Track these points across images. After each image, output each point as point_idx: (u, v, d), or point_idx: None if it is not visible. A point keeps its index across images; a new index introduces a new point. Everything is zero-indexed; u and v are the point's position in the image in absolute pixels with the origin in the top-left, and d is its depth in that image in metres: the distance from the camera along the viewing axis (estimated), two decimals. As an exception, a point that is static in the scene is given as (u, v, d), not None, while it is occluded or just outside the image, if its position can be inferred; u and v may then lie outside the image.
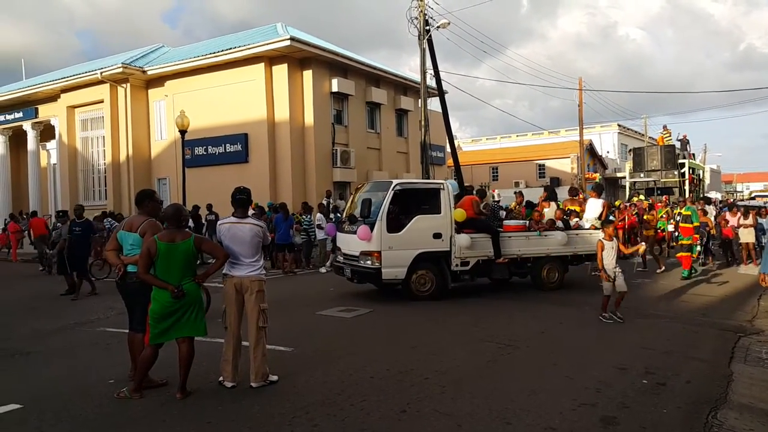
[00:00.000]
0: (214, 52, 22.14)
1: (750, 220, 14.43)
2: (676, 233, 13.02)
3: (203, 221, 18.10)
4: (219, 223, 5.79)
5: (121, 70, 23.22)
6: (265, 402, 5.08)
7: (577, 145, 38.16)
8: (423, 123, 20.58)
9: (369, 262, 9.94)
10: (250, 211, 13.58)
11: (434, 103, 23.79)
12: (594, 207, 12.00)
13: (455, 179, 22.78)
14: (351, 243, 10.34)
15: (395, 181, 10.53)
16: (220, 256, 5.37)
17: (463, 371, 6.02)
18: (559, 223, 11.47)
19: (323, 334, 7.93)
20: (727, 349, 6.91)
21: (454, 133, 22.54)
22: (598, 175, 45.73)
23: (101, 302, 10.56)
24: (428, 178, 20.52)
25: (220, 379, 5.52)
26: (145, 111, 24.86)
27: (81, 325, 8.85)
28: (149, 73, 23.84)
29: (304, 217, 15.99)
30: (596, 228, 11.40)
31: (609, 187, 46.84)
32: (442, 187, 10.46)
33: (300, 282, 13.13)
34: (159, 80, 24.09)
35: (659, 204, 19.39)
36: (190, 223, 16.90)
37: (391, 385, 5.55)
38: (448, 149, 24.20)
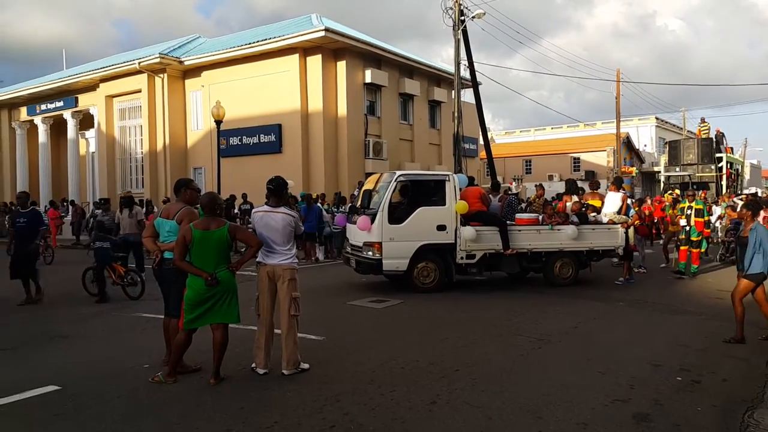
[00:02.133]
0: (250, 43, 22.36)
1: None
2: (688, 227, 12.59)
3: (235, 211, 18.30)
4: (253, 211, 5.88)
5: (158, 60, 23.64)
6: (297, 389, 5.15)
7: (614, 138, 37.48)
8: (456, 114, 20.49)
9: (370, 252, 9.96)
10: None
11: (467, 95, 23.72)
12: (613, 201, 11.70)
13: (488, 172, 22.66)
14: (356, 234, 10.38)
15: (398, 173, 10.52)
16: (253, 245, 5.44)
17: (494, 365, 6.00)
18: (575, 218, 11.21)
19: (354, 324, 7.99)
20: (765, 348, 6.74)
21: (487, 125, 22.39)
22: (634, 168, 44.84)
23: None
24: (460, 170, 20.43)
25: (253, 365, 5.61)
26: (182, 101, 25.28)
27: (118, 309, 9.09)
28: (186, 63, 24.22)
29: (336, 207, 16.14)
30: (614, 223, 11.20)
31: (646, 181, 45.93)
32: (447, 179, 10.36)
33: (331, 272, 13.23)
34: (195, 71, 24.46)
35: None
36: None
37: (422, 376, 5.56)
38: (481, 141, 24.07)
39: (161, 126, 24.98)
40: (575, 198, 12.40)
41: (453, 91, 21.41)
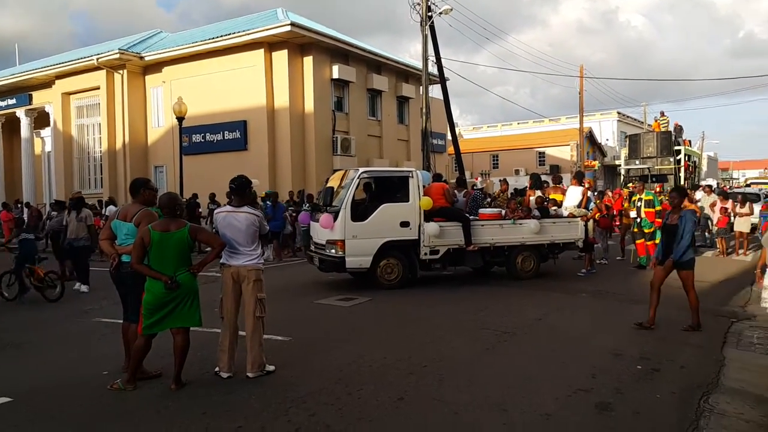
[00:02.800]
0: (213, 38, 22.00)
1: (746, 209, 14.37)
2: (638, 219, 12.85)
3: (199, 210, 17.97)
4: (215, 211, 5.78)
5: (117, 56, 23.08)
6: (262, 392, 5.09)
7: (577, 132, 38.09)
8: (424, 110, 20.53)
9: (333, 250, 9.92)
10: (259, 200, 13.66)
11: (435, 91, 23.77)
12: (573, 195, 11.96)
13: (456, 167, 22.80)
14: (319, 232, 10.34)
15: (361, 169, 10.53)
16: (216, 246, 5.34)
17: (460, 359, 6.04)
18: (536, 212, 11.35)
19: (321, 323, 7.95)
20: (720, 334, 6.98)
21: (455, 121, 22.53)
22: (597, 162, 45.69)
23: (95, 292, 10.53)
24: (429, 166, 20.51)
25: (216, 369, 5.52)
26: (142, 98, 24.75)
27: (75, 315, 8.83)
28: (147, 59, 23.69)
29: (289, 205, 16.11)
30: (575, 216, 11.41)
31: (608, 174, 46.80)
32: (410, 175, 10.33)
33: (298, 271, 13.14)
34: (156, 66, 23.95)
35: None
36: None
37: (389, 373, 5.57)
38: (449, 137, 24.20)
39: (121, 124, 24.38)
40: (538, 192, 12.58)
41: (421, 87, 21.43)
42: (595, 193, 15.42)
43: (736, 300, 9.14)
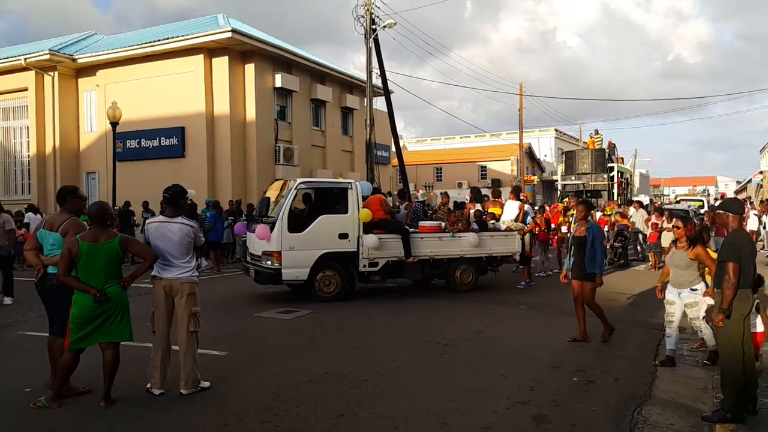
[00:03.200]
0: (151, 42, 21.37)
1: (672, 224, 14.88)
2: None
3: (134, 219, 17.30)
4: (147, 222, 5.54)
5: (48, 57, 22.06)
6: (196, 409, 4.89)
7: (518, 148, 39.08)
8: (368, 122, 20.57)
9: (269, 262, 9.74)
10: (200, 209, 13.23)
11: (380, 103, 23.85)
12: (511, 209, 12.17)
13: (400, 178, 22.91)
14: (255, 243, 10.14)
15: (299, 180, 10.40)
16: (148, 258, 5.12)
17: (402, 372, 6.00)
18: (475, 225, 11.46)
19: (260, 337, 7.75)
20: (652, 346, 7.20)
21: (399, 133, 22.67)
22: (536, 177, 46.99)
23: (20, 304, 9.95)
24: (373, 177, 20.52)
25: (148, 386, 5.27)
26: (75, 101, 23.75)
27: (-1, 327, 8.32)
28: (80, 61, 22.76)
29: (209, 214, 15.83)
30: (512, 229, 11.61)
31: (546, 189, 48.19)
32: (350, 186, 10.26)
33: (237, 282, 12.82)
34: (90, 69, 23.05)
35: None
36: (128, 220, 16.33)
37: (330, 388, 5.46)
38: (394, 149, 24.31)
39: (51, 127, 23.26)
40: (478, 205, 12.76)
41: (365, 99, 21.48)
42: (536, 208, 15.77)
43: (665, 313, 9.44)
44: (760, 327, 5.75)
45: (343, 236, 10.05)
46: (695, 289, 6.38)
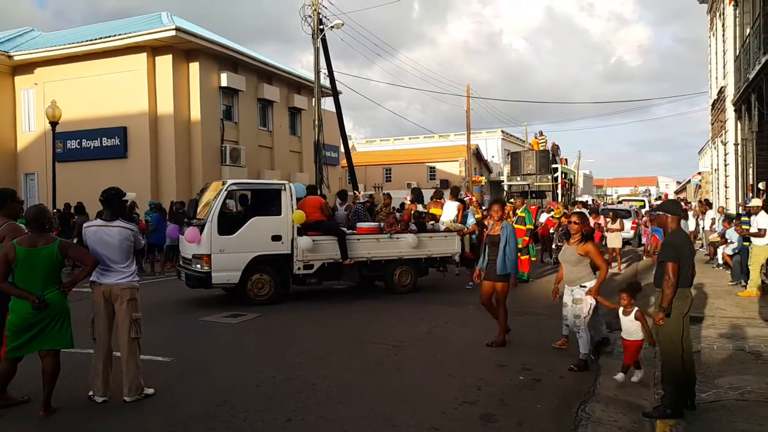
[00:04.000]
0: (92, 39, 20.70)
1: (617, 225, 15.33)
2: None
3: (73, 222, 16.68)
4: (85, 225, 5.34)
5: (-19, 53, 21.10)
6: (140, 417, 4.78)
7: (465, 149, 39.68)
8: (317, 122, 20.48)
9: (199, 265, 9.57)
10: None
11: (328, 103, 23.79)
12: (450, 209, 12.11)
13: (349, 179, 22.91)
14: (186, 246, 9.97)
15: (230, 181, 10.26)
16: (88, 263, 4.96)
17: (350, 375, 6.01)
18: (413, 226, 11.39)
19: (206, 342, 7.61)
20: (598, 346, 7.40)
21: (347, 134, 22.66)
22: (483, 178, 47.79)
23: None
24: (321, 178, 20.44)
25: (90, 393, 5.12)
26: (11, 100, 22.80)
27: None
28: (16, 58, 21.86)
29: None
30: (451, 231, 11.59)
31: (494, 190, 49.08)
32: (282, 188, 10.13)
33: (183, 286, 12.53)
34: (28, 67, 22.15)
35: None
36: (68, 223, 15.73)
37: (277, 392, 5.42)
38: (342, 149, 24.29)
39: (-15, 126, 22.28)
40: (420, 206, 12.69)
41: (313, 99, 21.37)
42: (482, 208, 15.98)
43: (610, 311, 9.73)
44: (637, 335, 5.78)
45: (276, 238, 9.92)
46: (584, 286, 6.37)
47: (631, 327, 5.80)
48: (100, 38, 20.56)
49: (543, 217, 19.34)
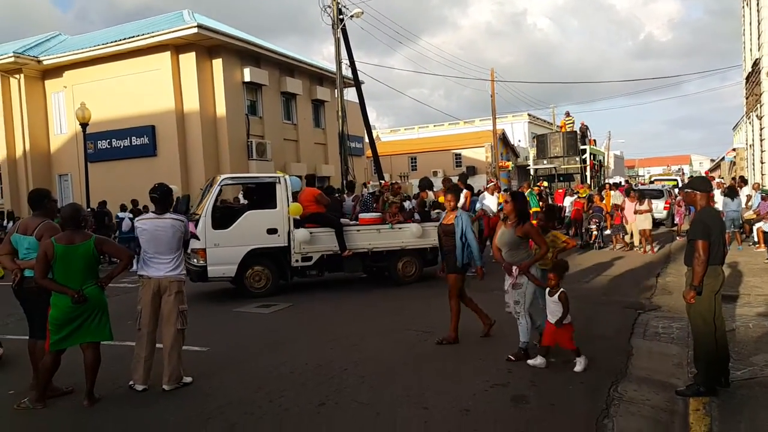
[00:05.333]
0: (116, 41, 21.09)
1: (645, 206, 14.74)
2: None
3: (111, 220, 17.13)
4: (136, 219, 5.55)
5: (13, 59, 21.68)
6: (179, 405, 4.93)
7: (491, 134, 39.33)
8: (340, 113, 20.53)
9: (195, 260, 9.64)
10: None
11: (351, 93, 23.81)
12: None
13: (375, 170, 22.95)
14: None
15: (223, 176, 10.29)
16: (123, 258, 5.14)
17: (382, 360, 6.08)
18: (418, 216, 11.20)
19: (240, 332, 7.77)
20: (628, 325, 7.35)
21: (371, 124, 22.67)
22: (510, 163, 47.36)
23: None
24: (347, 169, 20.51)
25: (131, 382, 5.30)
26: (43, 103, 23.39)
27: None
28: (45, 63, 22.41)
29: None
30: None
31: (522, 174, 48.66)
32: (277, 181, 10.10)
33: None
34: (56, 70, 22.69)
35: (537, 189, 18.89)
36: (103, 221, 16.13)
37: (311, 379, 5.53)
38: (367, 140, 24.33)
39: (20, 131, 22.91)
40: (431, 194, 12.47)
41: (336, 90, 21.43)
42: (503, 193, 15.71)
43: (642, 292, 9.68)
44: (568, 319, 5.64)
45: (272, 231, 9.92)
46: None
47: (555, 308, 5.63)
48: (124, 39, 20.93)
49: (567, 201, 19.10)
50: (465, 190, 12.02)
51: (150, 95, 20.93)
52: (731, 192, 14.21)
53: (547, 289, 5.79)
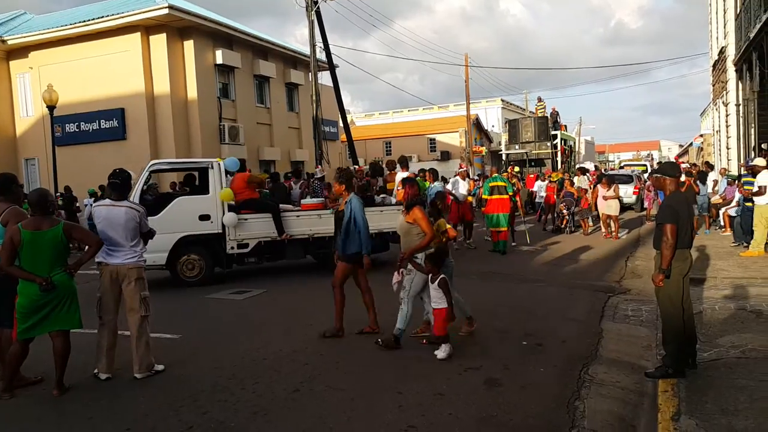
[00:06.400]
0: (85, 21, 20.49)
1: (611, 192, 14.76)
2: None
3: (76, 205, 16.83)
4: (94, 206, 5.44)
5: (-27, 38, 20.95)
6: (151, 393, 4.88)
7: (465, 119, 39.43)
8: (314, 97, 20.33)
9: None
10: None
11: (325, 77, 23.59)
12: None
13: (349, 154, 22.83)
14: None
15: (152, 162, 10.05)
16: (93, 244, 5.02)
17: (357, 346, 6.09)
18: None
19: (213, 318, 7.71)
20: (598, 308, 7.49)
21: (346, 108, 22.54)
22: (484, 148, 47.59)
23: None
24: (321, 154, 20.38)
25: (95, 370, 5.24)
26: (7, 85, 22.67)
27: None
28: (10, 43, 21.68)
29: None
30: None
31: (495, 160, 48.96)
32: (210, 166, 9.87)
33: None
34: (22, 51, 21.99)
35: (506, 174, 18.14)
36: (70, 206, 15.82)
37: (285, 365, 5.51)
38: (341, 124, 24.18)
39: (-17, 113, 22.23)
40: (381, 180, 12.19)
41: (310, 74, 21.20)
42: (475, 178, 15.69)
43: (611, 275, 9.86)
44: (442, 302, 5.60)
45: (205, 218, 9.72)
46: (416, 257, 5.90)
47: (436, 295, 5.65)
48: (93, 19, 20.35)
49: (537, 185, 19.26)
50: (408, 173, 11.20)
51: (119, 77, 20.45)
52: (701, 177, 14.49)
53: (429, 276, 5.75)
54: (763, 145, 13.75)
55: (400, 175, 11.27)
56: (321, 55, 20.77)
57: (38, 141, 21.76)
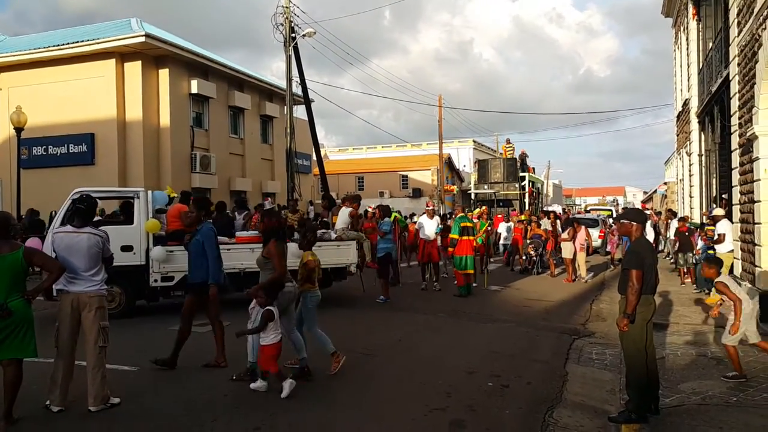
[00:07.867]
0: (59, 45, 20.35)
1: (566, 235, 14.86)
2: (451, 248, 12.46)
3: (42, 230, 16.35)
4: (53, 232, 5.30)
5: (-58, 57, 20.56)
6: (105, 427, 4.71)
7: (437, 158, 39.94)
8: (288, 130, 20.43)
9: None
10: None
11: (300, 110, 23.76)
12: (343, 217, 11.00)
13: (321, 188, 22.84)
14: None
15: (76, 190, 9.65)
16: (53, 270, 4.87)
17: (319, 384, 5.98)
18: (298, 235, 10.34)
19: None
20: (564, 351, 7.53)
21: (320, 142, 22.65)
22: (455, 187, 48.15)
23: None
24: (293, 186, 20.34)
25: (47, 402, 5.02)
26: (-26, 105, 22.19)
27: None
28: (-21, 63, 21.34)
29: None
30: (343, 239, 10.61)
31: (465, 199, 49.49)
32: (135, 196, 9.72)
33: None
34: (-9, 71, 21.64)
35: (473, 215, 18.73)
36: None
37: (246, 400, 5.38)
38: (315, 158, 24.24)
39: (-53, 132, 21.67)
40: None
41: (285, 107, 21.32)
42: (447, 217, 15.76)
43: (577, 318, 9.95)
44: (269, 339, 5.54)
45: (127, 249, 9.43)
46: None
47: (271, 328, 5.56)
48: (68, 44, 20.23)
49: (502, 227, 19.40)
50: (350, 210, 11.12)
51: (91, 102, 20.24)
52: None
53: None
54: (723, 195, 14.17)
55: (344, 210, 11.17)
56: (297, 89, 20.94)
57: (3, 163, 21.24)
